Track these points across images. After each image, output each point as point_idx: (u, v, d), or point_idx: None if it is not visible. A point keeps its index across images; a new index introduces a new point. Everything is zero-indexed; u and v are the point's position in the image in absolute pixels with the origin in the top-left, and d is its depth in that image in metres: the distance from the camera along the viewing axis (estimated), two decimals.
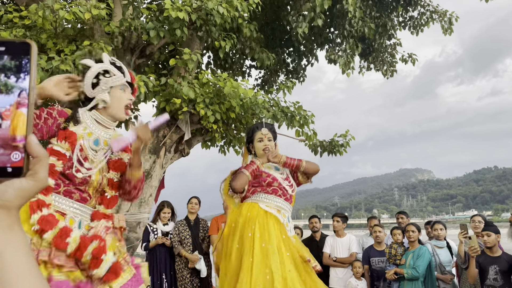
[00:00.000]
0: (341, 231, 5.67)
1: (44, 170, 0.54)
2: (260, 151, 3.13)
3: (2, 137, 0.52)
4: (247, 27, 6.71)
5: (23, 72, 0.53)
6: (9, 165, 0.52)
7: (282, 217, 2.98)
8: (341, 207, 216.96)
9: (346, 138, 7.28)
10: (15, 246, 0.52)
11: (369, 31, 7.72)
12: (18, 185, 0.53)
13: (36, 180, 0.54)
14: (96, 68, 2.21)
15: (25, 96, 0.53)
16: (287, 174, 3.14)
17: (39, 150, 0.54)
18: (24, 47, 0.54)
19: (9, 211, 0.52)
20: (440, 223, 5.32)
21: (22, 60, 0.53)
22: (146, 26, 5.58)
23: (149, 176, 6.34)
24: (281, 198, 3.02)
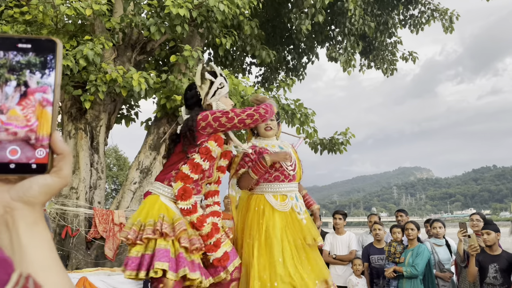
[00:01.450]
0: (341, 228, 5.67)
1: (68, 167, 0.54)
2: (262, 130, 3.15)
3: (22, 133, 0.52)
4: (248, 24, 6.70)
5: (48, 68, 0.53)
6: (34, 161, 0.52)
7: (290, 200, 3.01)
8: (340, 205, 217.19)
9: (346, 136, 7.28)
10: (39, 241, 0.52)
11: (369, 29, 7.71)
12: (43, 181, 0.53)
13: (60, 177, 0.54)
14: (218, 81, 2.76)
15: (50, 93, 0.53)
16: (291, 154, 3.14)
17: (64, 147, 0.54)
18: (49, 44, 0.54)
19: (33, 207, 0.53)
20: (439, 221, 5.32)
21: (47, 56, 0.53)
22: (147, 22, 5.57)
23: (149, 173, 6.34)
24: (285, 182, 3.04)
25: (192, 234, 2.45)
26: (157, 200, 2.54)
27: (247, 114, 2.59)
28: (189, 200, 2.52)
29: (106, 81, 5.37)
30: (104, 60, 5.88)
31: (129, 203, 6.21)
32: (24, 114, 0.52)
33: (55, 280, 0.51)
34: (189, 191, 2.53)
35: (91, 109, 6.13)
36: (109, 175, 24.85)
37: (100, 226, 5.83)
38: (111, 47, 5.76)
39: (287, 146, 3.22)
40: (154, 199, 2.55)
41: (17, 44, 0.53)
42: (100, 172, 6.33)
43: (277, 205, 2.96)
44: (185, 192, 2.52)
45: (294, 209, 2.99)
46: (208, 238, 2.53)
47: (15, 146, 0.52)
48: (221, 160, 2.82)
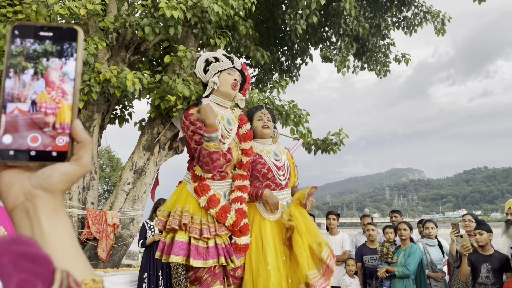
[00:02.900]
0: (335, 229, 5.70)
1: (88, 155, 0.54)
2: (259, 128, 3.13)
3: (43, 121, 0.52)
4: (242, 25, 6.71)
5: (64, 57, 0.54)
6: (54, 149, 0.52)
7: (280, 208, 3.00)
8: (333, 206, 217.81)
9: (339, 136, 7.30)
10: (60, 229, 0.52)
11: (363, 30, 7.75)
12: (63, 169, 0.53)
13: (80, 165, 0.54)
14: (205, 55, 2.71)
15: (68, 81, 0.53)
16: (285, 162, 3.13)
17: (84, 135, 0.54)
18: (70, 33, 0.54)
19: (54, 195, 0.53)
20: (432, 221, 5.36)
21: (63, 45, 0.54)
22: (141, 22, 5.55)
23: (143, 173, 6.32)
24: (276, 190, 3.03)
25: (205, 223, 2.54)
26: (184, 188, 2.66)
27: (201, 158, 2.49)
28: (204, 197, 2.59)
29: (100, 81, 5.34)
30: (98, 60, 5.86)
31: (123, 203, 6.18)
32: (52, 97, 0.53)
33: (77, 268, 0.51)
34: (202, 189, 2.59)
35: (84, 109, 6.10)
36: (101, 176, 24.70)
37: (93, 227, 5.79)
38: (105, 47, 5.73)
39: (283, 153, 3.19)
40: (181, 187, 2.69)
41: (39, 32, 0.53)
42: (93, 172, 6.30)
43: (266, 215, 2.97)
44: (198, 191, 2.59)
45: (284, 217, 2.98)
46: (234, 227, 2.61)
47: (36, 134, 0.52)
48: (243, 144, 2.85)
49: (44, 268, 0.43)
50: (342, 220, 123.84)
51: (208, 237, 2.49)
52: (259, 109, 3.21)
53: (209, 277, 2.50)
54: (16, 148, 0.52)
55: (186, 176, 2.71)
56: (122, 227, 6.06)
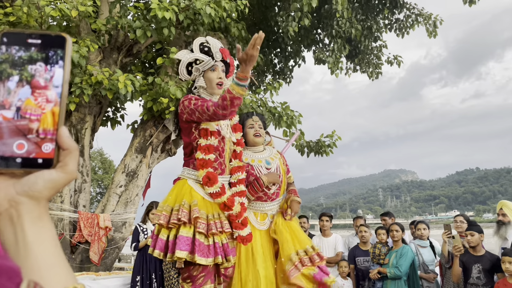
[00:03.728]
0: (328, 230, 5.71)
1: (74, 162, 0.54)
2: (251, 136, 3.14)
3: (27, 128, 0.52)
4: (235, 27, 6.71)
5: (50, 64, 0.54)
6: (40, 156, 0.52)
7: (269, 218, 3.05)
8: (327, 208, 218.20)
9: (332, 138, 7.32)
10: (44, 236, 0.52)
11: (355, 32, 7.79)
12: (48, 176, 0.53)
13: (66, 172, 0.54)
14: (184, 60, 2.72)
15: (54, 88, 0.53)
16: (277, 168, 3.13)
17: (70, 142, 0.54)
18: (59, 40, 0.54)
19: (38, 202, 0.53)
20: (423, 223, 5.39)
21: (49, 52, 0.54)
22: (133, 24, 5.53)
23: (136, 176, 6.29)
24: (267, 202, 3.05)
25: (211, 219, 2.52)
26: (185, 183, 2.63)
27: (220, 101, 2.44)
28: (215, 185, 2.59)
29: (92, 84, 5.31)
30: (90, 62, 5.83)
31: (115, 206, 6.15)
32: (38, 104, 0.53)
33: (60, 276, 0.51)
34: (213, 177, 2.59)
35: (76, 111, 6.06)
36: (94, 179, 24.56)
37: (85, 230, 5.75)
38: (97, 49, 5.71)
39: (275, 158, 3.19)
40: (182, 183, 2.65)
41: (27, 39, 0.53)
42: (85, 175, 6.26)
43: (257, 224, 3.00)
44: (210, 179, 2.58)
45: (272, 227, 3.02)
46: (237, 218, 2.63)
47: (22, 141, 0.52)
48: (234, 135, 2.88)
49: (9, 281, 0.42)
50: (336, 221, 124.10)
51: (215, 233, 2.48)
52: (249, 116, 3.20)
53: (203, 277, 2.48)
54: (0, 155, 0.51)
55: (186, 172, 2.68)
56: (114, 230, 6.02)
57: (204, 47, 2.75)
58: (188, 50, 2.78)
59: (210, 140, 2.62)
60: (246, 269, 2.81)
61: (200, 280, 2.47)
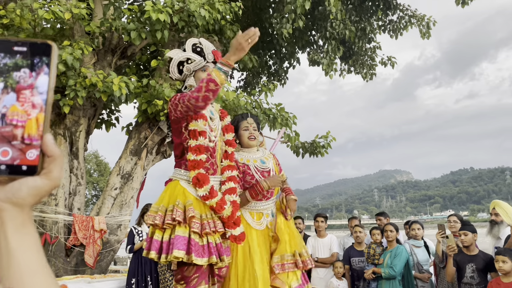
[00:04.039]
0: (323, 231, 5.72)
1: (59, 169, 0.54)
2: (245, 139, 3.18)
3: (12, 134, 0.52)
4: (229, 29, 6.72)
5: (35, 71, 0.54)
6: (24, 163, 0.52)
7: (265, 217, 3.08)
8: (322, 208, 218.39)
9: (327, 139, 7.34)
10: (27, 244, 0.52)
11: (349, 34, 7.82)
12: (32, 183, 0.52)
13: (50, 179, 0.54)
14: (176, 59, 2.71)
15: (38, 94, 0.53)
16: (271, 169, 3.17)
17: (55, 149, 0.54)
18: (45, 48, 0.54)
19: (22, 209, 0.53)
20: (418, 223, 5.41)
21: (34, 59, 0.54)
22: (127, 27, 5.53)
23: (131, 178, 6.28)
24: (262, 201, 3.08)
25: (205, 218, 2.52)
26: (177, 184, 2.63)
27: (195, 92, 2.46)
28: (205, 186, 2.58)
29: (86, 86, 5.30)
30: (84, 65, 5.81)
31: (110, 209, 6.13)
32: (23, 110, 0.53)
33: (42, 283, 0.51)
34: (203, 178, 2.58)
35: (70, 114, 6.04)
36: (89, 181, 24.45)
37: (80, 232, 5.73)
38: (91, 51, 5.69)
39: (269, 159, 3.24)
40: (174, 184, 2.65)
41: (13, 47, 0.54)
42: (80, 178, 6.23)
43: (253, 223, 3.03)
44: (199, 180, 2.57)
45: (269, 227, 3.07)
46: (229, 219, 2.63)
47: (6, 148, 0.52)
48: (226, 135, 2.90)
49: None
50: (332, 222, 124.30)
51: (209, 232, 2.48)
52: (244, 118, 3.23)
53: (197, 278, 2.48)
54: None
55: (177, 173, 2.68)
56: (109, 233, 6.00)
57: (196, 48, 2.76)
58: (181, 50, 2.79)
59: (200, 140, 2.61)
60: (243, 269, 2.84)
61: (194, 281, 2.47)
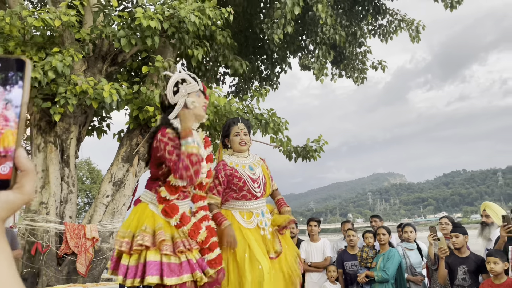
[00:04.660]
0: (316, 235, 5.73)
1: (31, 183, 0.54)
2: (237, 144, 3.22)
3: None
4: (220, 35, 6.74)
5: (8, 84, 0.54)
6: None
7: (255, 217, 3.11)
8: (317, 212, 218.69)
9: (319, 143, 7.36)
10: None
11: (340, 38, 7.87)
12: (5, 197, 0.52)
13: (22, 193, 0.54)
14: (175, 77, 2.70)
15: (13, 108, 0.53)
16: (260, 174, 3.20)
17: (27, 164, 0.54)
18: (18, 63, 0.55)
19: None
20: (410, 225, 5.44)
21: (8, 73, 0.54)
22: (118, 33, 5.52)
23: (122, 185, 6.24)
24: (251, 200, 3.11)
25: (178, 237, 2.50)
26: (146, 208, 2.58)
27: (181, 164, 2.44)
28: (175, 216, 2.54)
29: (76, 93, 5.28)
30: (74, 72, 5.79)
31: (102, 216, 6.09)
32: None
33: None
34: (171, 208, 2.55)
35: (61, 121, 6.01)
36: (82, 189, 24.28)
37: (72, 241, 5.68)
38: (81, 58, 5.68)
39: (258, 165, 3.27)
40: (143, 208, 2.60)
41: None
42: (71, 186, 6.19)
43: (243, 223, 3.06)
44: (168, 212, 2.54)
45: (259, 226, 3.09)
46: (204, 244, 2.60)
47: None
48: (207, 164, 2.86)
49: None
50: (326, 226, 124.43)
51: (183, 250, 2.45)
52: (235, 123, 3.26)
53: None
54: None
55: (147, 196, 2.64)
56: (101, 241, 5.96)
57: (189, 75, 2.79)
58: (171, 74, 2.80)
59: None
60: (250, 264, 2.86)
61: None
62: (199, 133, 2.84)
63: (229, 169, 3.11)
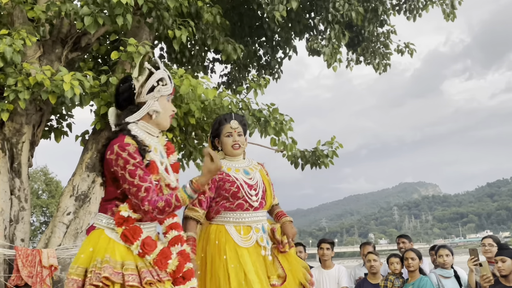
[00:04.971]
0: (328, 261, 5.73)
1: None
2: (229, 147, 3.26)
3: None
4: (208, 12, 6.75)
5: None
6: None
7: (255, 232, 3.12)
8: (330, 232, 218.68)
9: (332, 146, 7.37)
10: None
11: (356, 16, 7.88)
12: None
13: None
14: (159, 75, 2.73)
15: None
16: (258, 179, 3.21)
17: None
18: None
19: None
20: (446, 247, 5.44)
21: None
22: (80, 11, 5.53)
23: (87, 200, 6.24)
24: (249, 211, 3.13)
25: (143, 266, 2.49)
26: (101, 234, 2.55)
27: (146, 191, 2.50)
28: (137, 242, 2.53)
29: (29, 86, 5.28)
30: (27, 59, 5.79)
31: (62, 239, 6.08)
32: None
33: None
34: (133, 232, 2.54)
35: (10, 121, 6.00)
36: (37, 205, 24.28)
37: (24, 270, 5.67)
38: (35, 42, 5.68)
39: (255, 170, 3.31)
40: (97, 235, 2.57)
41: None
42: (24, 201, 6.18)
43: (239, 240, 3.06)
44: (128, 236, 2.53)
45: (260, 243, 3.09)
46: (176, 274, 2.59)
47: None
48: (173, 175, 2.87)
49: None
50: (343, 249, 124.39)
51: (152, 281, 2.43)
52: (227, 120, 3.29)
53: None
54: None
55: (102, 220, 2.63)
56: (61, 269, 5.95)
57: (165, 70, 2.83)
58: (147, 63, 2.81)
59: None
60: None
61: None
62: (160, 138, 2.87)
63: (219, 173, 3.10)
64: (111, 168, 2.58)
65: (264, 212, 3.24)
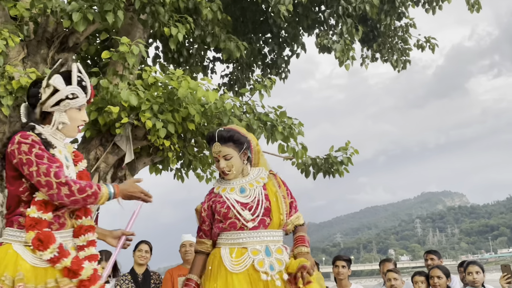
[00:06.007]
0: (345, 280, 5.71)
1: None
2: (220, 172, 3.33)
3: None
4: (207, 7, 6.77)
5: None
6: None
7: (251, 254, 3.04)
8: (346, 248, 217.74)
9: (346, 152, 7.35)
10: None
11: (371, 8, 7.88)
12: None
13: None
14: (65, 92, 2.78)
15: None
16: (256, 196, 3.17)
17: None
18: None
19: None
20: (476, 264, 5.40)
21: None
22: (68, 7, 5.56)
23: None
24: (244, 230, 3.09)
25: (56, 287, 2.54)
26: (8, 250, 2.57)
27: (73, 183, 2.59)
28: (52, 246, 2.56)
29: (13, 91, 5.30)
30: (10, 61, 5.83)
31: None
32: None
33: None
34: (46, 237, 2.56)
35: None
36: None
37: None
38: (19, 43, 5.71)
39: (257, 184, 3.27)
40: (4, 250, 2.57)
41: None
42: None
43: (229, 264, 3.03)
44: (42, 240, 2.55)
45: (257, 268, 2.99)
46: (91, 284, 2.64)
47: None
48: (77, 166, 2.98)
49: None
50: (360, 267, 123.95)
51: None
52: (210, 143, 3.31)
53: None
54: None
55: (10, 234, 2.63)
56: None
57: (81, 80, 2.87)
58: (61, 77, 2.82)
59: None
60: None
61: None
62: (67, 146, 2.95)
63: (213, 196, 3.24)
64: (13, 159, 2.61)
65: (271, 232, 3.15)
